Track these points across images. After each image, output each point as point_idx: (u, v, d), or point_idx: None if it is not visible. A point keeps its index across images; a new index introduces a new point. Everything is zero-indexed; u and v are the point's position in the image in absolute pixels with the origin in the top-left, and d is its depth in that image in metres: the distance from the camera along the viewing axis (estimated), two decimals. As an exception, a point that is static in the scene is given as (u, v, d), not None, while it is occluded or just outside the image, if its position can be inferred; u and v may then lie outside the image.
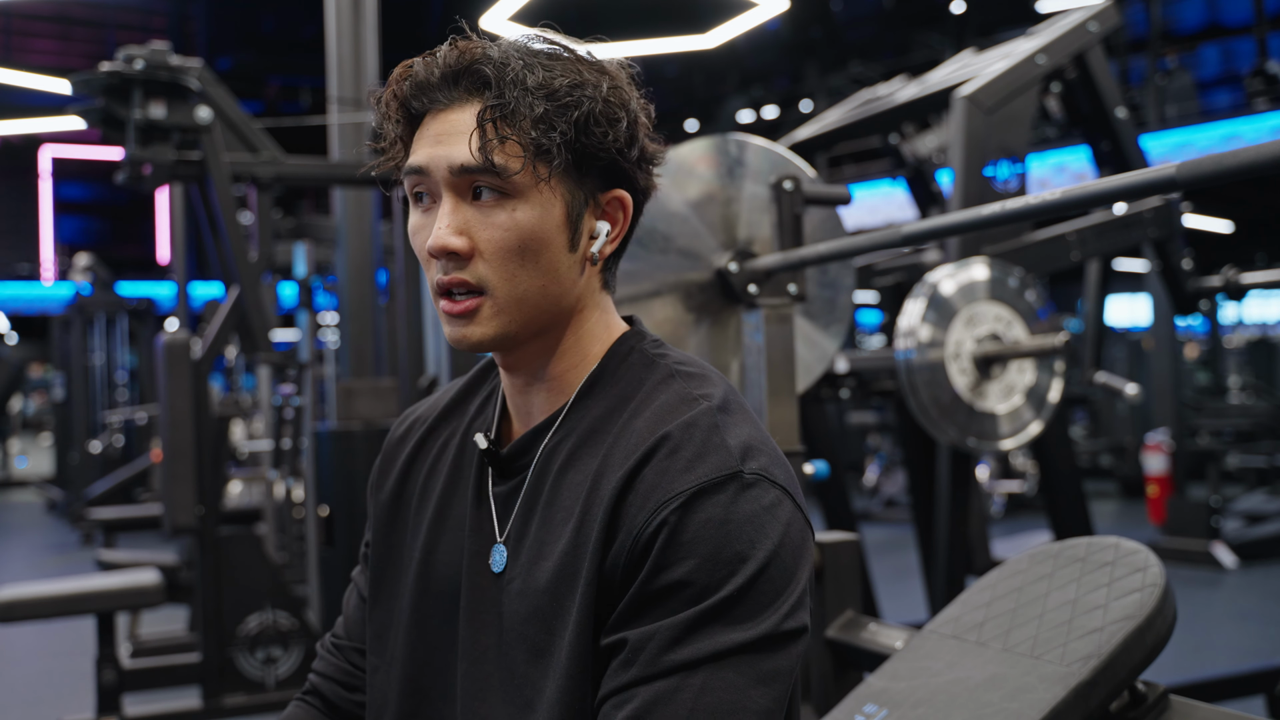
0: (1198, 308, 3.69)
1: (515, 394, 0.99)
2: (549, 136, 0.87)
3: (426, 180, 0.91)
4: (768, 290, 2.04)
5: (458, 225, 0.89)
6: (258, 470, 6.62)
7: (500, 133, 0.87)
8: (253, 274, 3.99)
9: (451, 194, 0.90)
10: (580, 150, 0.90)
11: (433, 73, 0.91)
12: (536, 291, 0.91)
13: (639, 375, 0.95)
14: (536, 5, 6.32)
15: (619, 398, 0.93)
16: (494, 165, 0.87)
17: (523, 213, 0.89)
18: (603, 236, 0.94)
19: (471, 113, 0.89)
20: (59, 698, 4.46)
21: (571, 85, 0.89)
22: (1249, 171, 1.11)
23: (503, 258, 0.89)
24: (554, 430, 0.95)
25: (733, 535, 0.82)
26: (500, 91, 0.88)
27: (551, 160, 0.88)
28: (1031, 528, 7.52)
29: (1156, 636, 1.23)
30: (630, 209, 0.96)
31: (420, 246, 0.92)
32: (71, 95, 3.89)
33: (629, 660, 0.82)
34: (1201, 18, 16.01)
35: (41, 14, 18.30)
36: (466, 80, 0.90)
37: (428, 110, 0.92)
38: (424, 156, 0.90)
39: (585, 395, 0.95)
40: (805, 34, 15.38)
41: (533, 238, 0.90)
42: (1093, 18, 3.20)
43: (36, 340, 18.82)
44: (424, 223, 0.93)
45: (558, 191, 0.91)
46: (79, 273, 11.17)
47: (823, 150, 3.88)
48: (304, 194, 14.33)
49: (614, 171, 0.94)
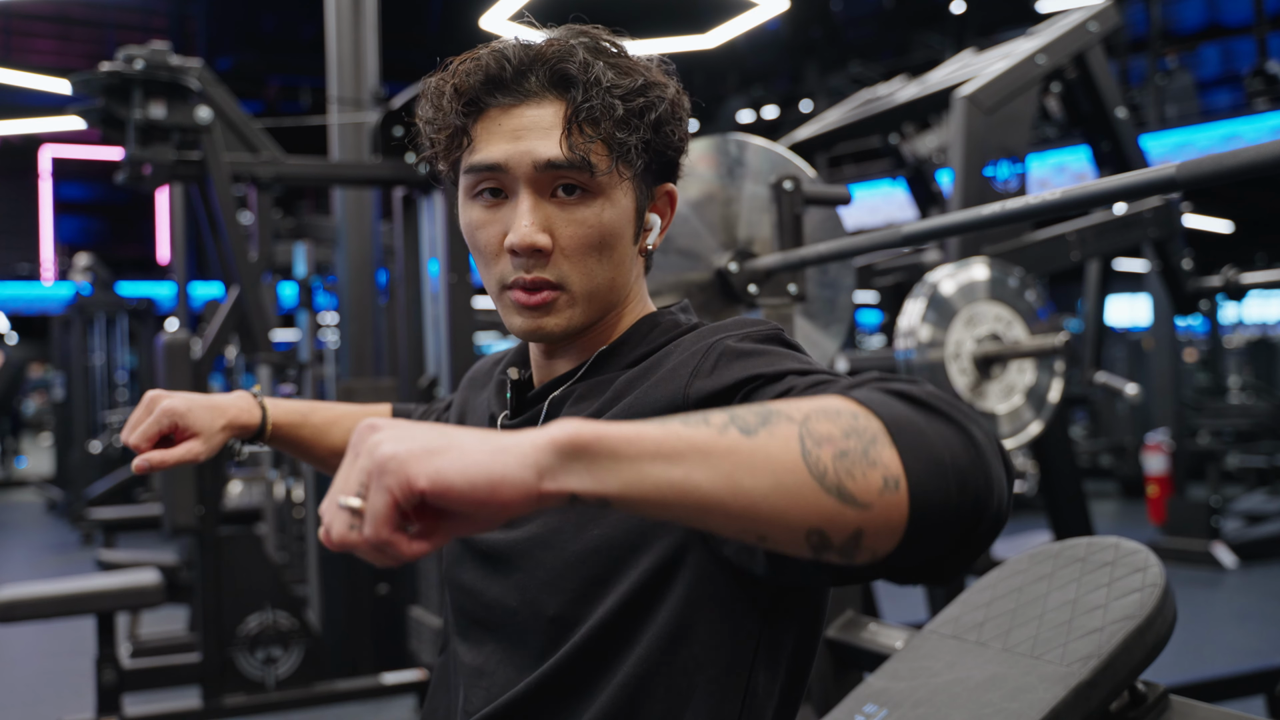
0: (1198, 308, 3.69)
1: (544, 364, 1.01)
2: (631, 138, 0.89)
3: (501, 176, 0.91)
4: (768, 290, 2.04)
5: (541, 223, 0.90)
6: (258, 470, 6.62)
7: (586, 132, 0.88)
8: (253, 274, 3.99)
9: (531, 191, 0.90)
10: (653, 150, 0.92)
11: (505, 67, 0.90)
12: (607, 284, 0.94)
13: (667, 333, 0.97)
14: (536, 5, 6.32)
15: (642, 353, 0.95)
16: (589, 164, 0.88)
17: (605, 210, 0.91)
18: (655, 228, 0.98)
19: (551, 109, 0.89)
20: (59, 698, 4.46)
21: (644, 86, 0.90)
22: (1249, 171, 1.11)
23: (583, 254, 0.91)
24: (572, 380, 0.97)
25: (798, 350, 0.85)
26: (587, 92, 0.88)
27: (632, 160, 0.90)
28: (1031, 528, 7.51)
29: (1156, 636, 1.23)
30: (675, 200, 1.00)
31: (489, 241, 0.92)
32: (71, 95, 3.89)
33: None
34: (1201, 18, 16.02)
35: (41, 14, 18.31)
36: (544, 75, 0.89)
37: (493, 105, 0.91)
38: (501, 152, 0.90)
39: (608, 355, 0.97)
40: (805, 34, 15.38)
41: (611, 234, 0.92)
42: (1093, 18, 3.20)
43: (36, 340, 18.82)
44: (490, 218, 0.92)
45: (629, 188, 0.93)
46: (79, 273, 11.16)
47: (823, 150, 3.88)
48: (304, 194, 14.32)
49: (669, 167, 0.97)
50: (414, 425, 0.60)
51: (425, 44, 16.71)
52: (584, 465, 0.58)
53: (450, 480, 0.56)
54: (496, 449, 0.58)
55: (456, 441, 0.58)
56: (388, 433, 0.59)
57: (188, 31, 18.86)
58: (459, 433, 0.59)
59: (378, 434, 0.59)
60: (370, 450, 0.58)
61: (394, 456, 0.57)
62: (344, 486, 0.59)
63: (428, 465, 0.56)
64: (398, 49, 14.63)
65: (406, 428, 0.59)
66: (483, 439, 0.59)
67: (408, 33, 16.02)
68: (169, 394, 1.10)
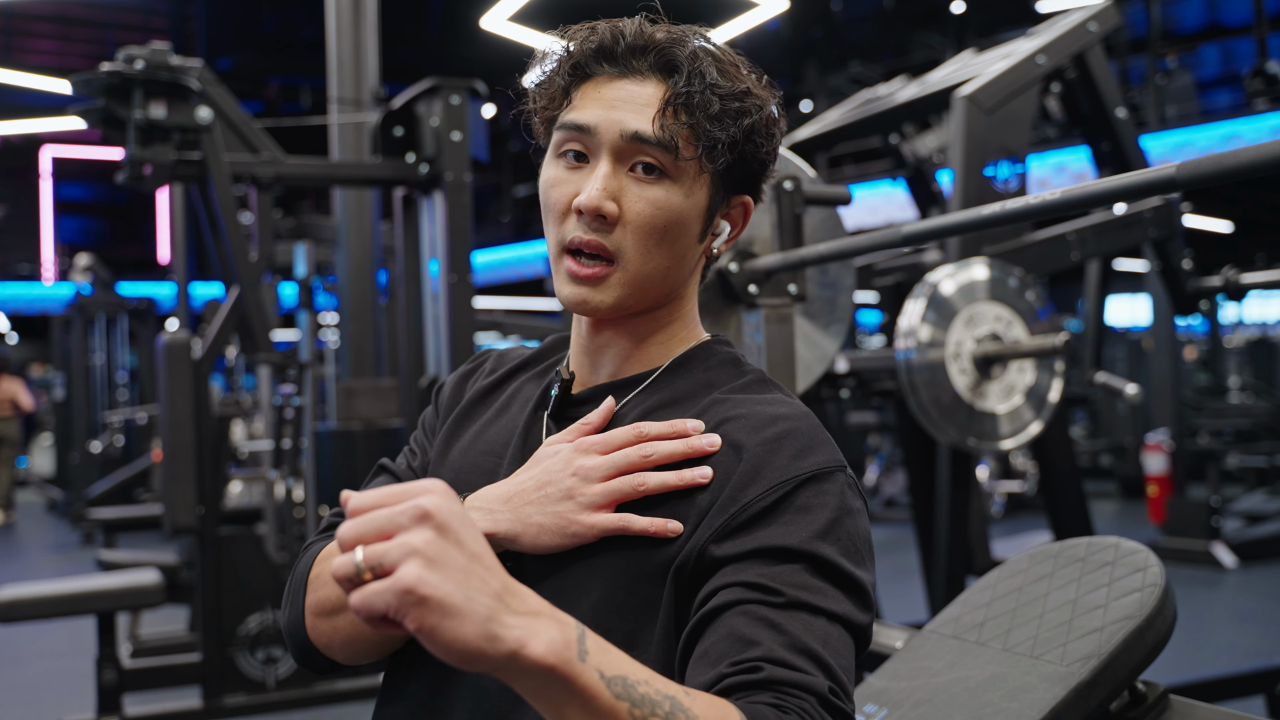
0: (1198, 308, 3.69)
1: (593, 350, 1.01)
2: (721, 135, 0.92)
3: (588, 139, 0.93)
4: (768, 290, 2.04)
5: (613, 191, 0.92)
6: (258, 470, 6.62)
7: (680, 118, 0.91)
8: (253, 274, 3.99)
9: (612, 158, 0.92)
10: (739, 154, 0.94)
11: (619, 40, 0.93)
12: (661, 272, 0.95)
13: (728, 371, 0.99)
14: (536, 5, 6.32)
15: (704, 383, 0.97)
16: (675, 145, 0.91)
17: (676, 196, 0.93)
18: (724, 235, 1.00)
19: (651, 88, 0.92)
20: (59, 698, 4.46)
21: (744, 92, 0.93)
22: (1249, 171, 1.11)
23: (646, 232, 0.92)
24: (636, 393, 0.97)
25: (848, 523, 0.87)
26: (690, 80, 0.91)
27: (717, 157, 0.93)
28: (1031, 528, 7.52)
29: (1156, 636, 1.23)
30: (750, 215, 1.01)
31: (560, 199, 0.94)
32: (72, 95, 3.89)
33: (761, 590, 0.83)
34: (1201, 18, 16.01)
35: (41, 14, 18.29)
36: (653, 57, 0.93)
37: (598, 74, 0.94)
38: (594, 116, 0.92)
39: (673, 371, 0.98)
40: (805, 34, 15.37)
41: (677, 221, 0.93)
42: (1093, 18, 3.20)
43: (36, 340, 18.81)
44: (567, 178, 0.94)
45: (707, 185, 0.95)
46: (79, 273, 11.16)
47: (823, 150, 3.88)
48: (304, 194, 14.31)
49: (751, 179, 0.99)
50: (456, 546, 0.64)
51: (425, 44, 16.70)
52: (547, 680, 0.66)
53: (438, 641, 0.63)
54: (493, 636, 0.64)
55: (471, 606, 0.63)
56: (430, 537, 0.64)
57: (188, 31, 18.84)
58: (478, 589, 0.64)
59: (424, 526, 0.64)
60: (406, 534, 0.64)
61: (412, 590, 0.62)
62: (368, 527, 0.65)
63: (429, 618, 0.62)
64: (398, 49, 14.63)
65: (447, 547, 0.64)
66: (496, 608, 0.64)
67: (408, 33, 16.01)
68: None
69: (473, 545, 0.65)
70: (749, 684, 0.75)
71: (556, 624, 0.67)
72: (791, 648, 0.77)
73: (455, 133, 4.14)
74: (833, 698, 0.76)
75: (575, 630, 0.68)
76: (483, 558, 0.66)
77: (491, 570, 0.66)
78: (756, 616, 0.79)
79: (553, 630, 0.66)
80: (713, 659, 0.78)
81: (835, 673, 0.78)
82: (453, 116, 4.15)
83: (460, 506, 0.67)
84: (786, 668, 0.76)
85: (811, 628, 0.79)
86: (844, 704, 0.77)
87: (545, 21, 0.99)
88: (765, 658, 0.76)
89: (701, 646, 0.80)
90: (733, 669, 0.77)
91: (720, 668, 0.77)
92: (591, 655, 0.68)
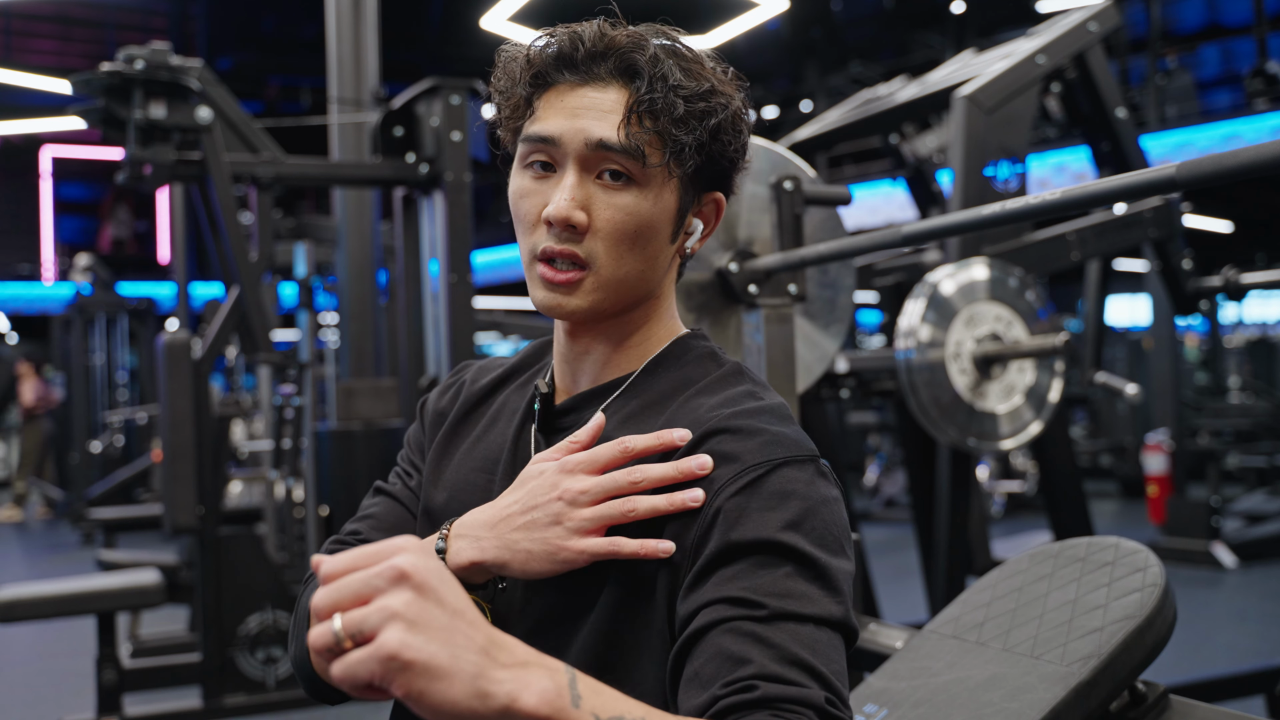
0: (1198, 308, 3.69)
1: (572, 359, 1.01)
2: (686, 137, 0.91)
3: (553, 150, 0.93)
4: (768, 290, 2.04)
5: (581, 200, 0.92)
6: (258, 470, 6.62)
7: (644, 123, 0.90)
8: (253, 274, 3.99)
9: (578, 168, 0.92)
10: (706, 154, 0.93)
11: (578, 48, 0.92)
12: (635, 275, 0.94)
13: (705, 366, 0.98)
14: (536, 5, 6.31)
15: (682, 380, 0.97)
16: (641, 152, 0.90)
17: (644, 201, 0.92)
18: (697, 234, 0.99)
19: (614, 94, 0.92)
20: (59, 698, 4.46)
21: (709, 91, 0.92)
22: (1249, 171, 1.11)
23: (616, 239, 0.92)
24: (614, 397, 0.97)
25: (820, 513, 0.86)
26: (651, 85, 0.90)
27: (685, 161, 0.92)
28: (1031, 528, 7.52)
29: (1156, 636, 1.23)
30: (723, 211, 1.01)
31: (529, 210, 0.94)
32: (72, 95, 3.89)
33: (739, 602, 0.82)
34: (1201, 18, 16.01)
35: (41, 14, 18.29)
36: (614, 62, 0.92)
37: (559, 82, 0.94)
38: (557, 126, 0.92)
39: (650, 372, 0.98)
40: (805, 34, 15.36)
41: (647, 226, 0.93)
42: (1093, 18, 3.20)
43: (37, 340, 18.80)
44: (535, 189, 0.94)
45: (676, 187, 0.94)
46: (79, 273, 11.16)
47: (823, 150, 3.88)
48: (304, 194, 14.31)
49: (721, 176, 0.98)
50: (437, 604, 0.63)
51: (425, 44, 16.70)
52: None
53: (428, 705, 0.62)
54: (484, 693, 0.63)
55: (458, 665, 0.62)
56: (409, 598, 0.62)
57: (188, 31, 18.83)
58: (463, 647, 0.63)
59: (402, 588, 0.63)
60: (384, 598, 0.63)
61: (395, 656, 0.61)
62: (343, 593, 0.64)
63: (417, 683, 0.61)
64: (398, 49, 14.62)
65: (428, 607, 0.63)
66: (484, 663, 0.63)
67: (408, 33, 16.00)
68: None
69: (453, 601, 0.64)
70: (745, 704, 0.75)
71: (547, 672, 0.66)
72: (782, 660, 0.77)
73: (455, 133, 4.14)
74: (830, 708, 0.76)
75: (566, 675, 0.67)
76: (464, 613, 0.64)
77: (475, 625, 0.65)
78: (743, 633, 0.78)
79: (544, 680, 0.65)
80: (704, 681, 0.78)
81: (829, 680, 0.77)
82: (453, 116, 4.15)
83: (437, 562, 0.66)
84: (781, 683, 0.75)
85: (799, 636, 0.78)
86: (841, 713, 0.77)
87: (545, 22, 0.98)
88: (758, 675, 0.76)
89: (691, 668, 0.80)
90: (726, 690, 0.76)
91: (713, 689, 0.77)
92: (585, 699, 0.67)
